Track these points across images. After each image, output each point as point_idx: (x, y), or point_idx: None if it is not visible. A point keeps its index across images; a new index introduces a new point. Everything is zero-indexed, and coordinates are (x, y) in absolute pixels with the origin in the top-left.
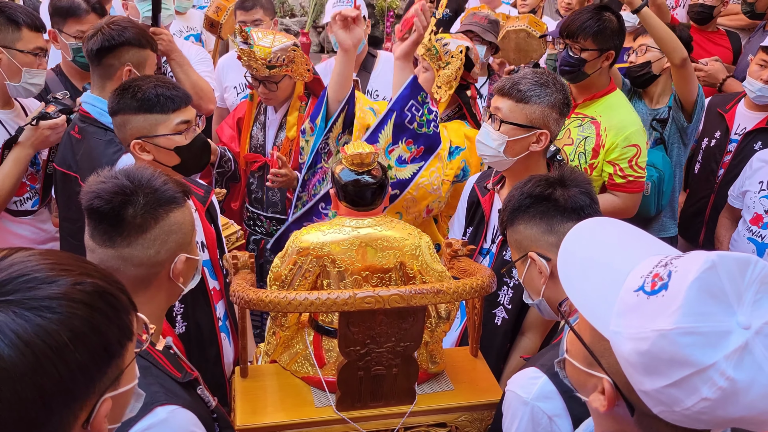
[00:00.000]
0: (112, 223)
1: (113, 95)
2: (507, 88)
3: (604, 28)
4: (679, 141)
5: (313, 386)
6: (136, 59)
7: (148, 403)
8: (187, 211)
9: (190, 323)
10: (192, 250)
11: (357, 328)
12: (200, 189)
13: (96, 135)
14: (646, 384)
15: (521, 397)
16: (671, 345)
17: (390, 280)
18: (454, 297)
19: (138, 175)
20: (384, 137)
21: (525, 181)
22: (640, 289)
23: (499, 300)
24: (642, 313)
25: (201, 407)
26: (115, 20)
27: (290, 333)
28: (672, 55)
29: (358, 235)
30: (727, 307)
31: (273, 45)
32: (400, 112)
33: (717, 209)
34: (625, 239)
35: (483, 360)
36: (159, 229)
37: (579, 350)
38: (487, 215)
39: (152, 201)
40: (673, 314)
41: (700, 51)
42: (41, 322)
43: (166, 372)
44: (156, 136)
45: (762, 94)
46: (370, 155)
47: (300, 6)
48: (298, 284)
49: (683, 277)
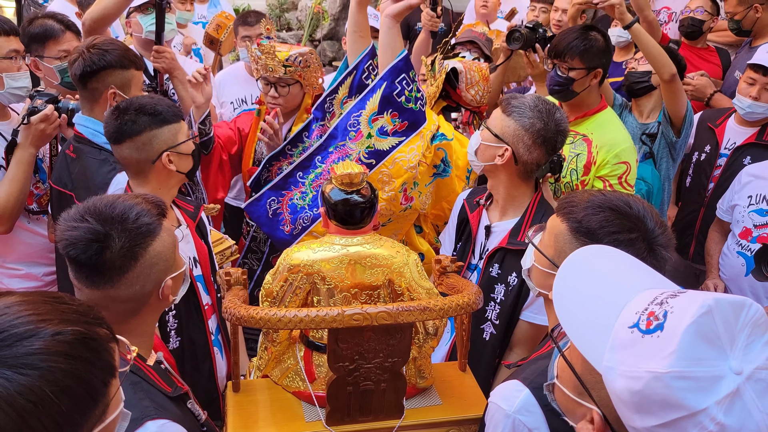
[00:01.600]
0: (92, 269)
1: (117, 121)
2: (503, 101)
3: (590, 47)
4: (668, 155)
5: (303, 401)
6: (120, 81)
7: (139, 417)
8: (165, 234)
9: (183, 338)
10: (176, 266)
11: (346, 345)
12: (190, 205)
13: (90, 155)
14: (636, 422)
15: (503, 410)
16: (664, 388)
17: (379, 297)
18: (440, 314)
19: (108, 213)
20: (371, 105)
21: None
22: (635, 326)
23: (487, 315)
24: (636, 352)
25: (191, 421)
26: (96, 43)
27: (282, 348)
28: (662, 71)
29: (347, 253)
30: (720, 351)
31: (291, 49)
32: (390, 83)
33: (707, 223)
34: (620, 270)
35: (471, 375)
36: (140, 267)
37: (570, 378)
38: (474, 231)
39: (128, 241)
40: (668, 357)
41: (690, 66)
42: (22, 380)
43: (156, 386)
44: (179, 144)
45: (752, 110)
46: (359, 175)
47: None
48: (288, 301)
49: (679, 319)
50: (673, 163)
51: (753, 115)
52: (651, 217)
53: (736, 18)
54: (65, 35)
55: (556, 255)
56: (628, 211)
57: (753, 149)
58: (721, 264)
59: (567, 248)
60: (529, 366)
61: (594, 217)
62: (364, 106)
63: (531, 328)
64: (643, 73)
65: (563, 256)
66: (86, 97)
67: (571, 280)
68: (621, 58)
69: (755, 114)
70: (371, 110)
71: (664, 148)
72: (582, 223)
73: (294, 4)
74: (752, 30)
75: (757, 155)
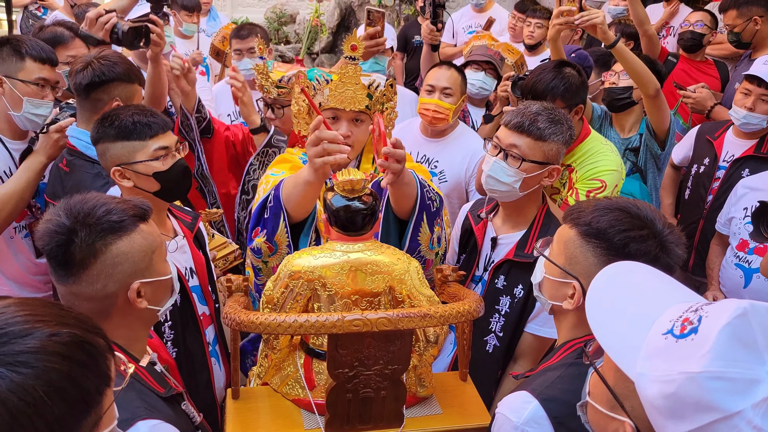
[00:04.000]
0: (58, 263)
1: (95, 125)
2: (526, 126)
3: (569, 85)
4: (654, 166)
5: (303, 408)
6: (124, 94)
7: (129, 418)
8: (138, 236)
9: (180, 349)
10: (153, 272)
11: (345, 351)
12: (187, 216)
13: (83, 168)
14: (669, 428)
15: (512, 421)
16: (698, 389)
17: (379, 304)
18: (441, 321)
19: (78, 209)
20: (424, 236)
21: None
22: (669, 332)
23: (491, 327)
24: (670, 357)
25: (185, 423)
26: (105, 55)
27: (282, 356)
28: (646, 87)
29: (348, 260)
30: (757, 355)
31: (288, 71)
32: (425, 204)
33: (706, 235)
34: (654, 284)
35: (472, 384)
36: (101, 264)
37: (602, 393)
38: (480, 243)
39: (89, 236)
40: (702, 358)
41: (689, 80)
42: (16, 378)
43: (148, 387)
44: (134, 163)
45: (747, 121)
46: (361, 182)
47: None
48: (289, 307)
49: (714, 322)
50: (659, 173)
51: (748, 126)
52: (659, 219)
53: (735, 30)
54: (74, 42)
55: (567, 262)
56: (636, 212)
57: (751, 161)
58: (721, 276)
59: (578, 252)
60: (537, 377)
61: (603, 218)
62: (417, 243)
63: (536, 341)
64: (624, 89)
65: (575, 262)
66: (87, 108)
67: (605, 291)
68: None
69: (750, 125)
70: (427, 239)
71: (649, 160)
72: (591, 225)
73: (292, 18)
74: (752, 42)
75: (755, 167)
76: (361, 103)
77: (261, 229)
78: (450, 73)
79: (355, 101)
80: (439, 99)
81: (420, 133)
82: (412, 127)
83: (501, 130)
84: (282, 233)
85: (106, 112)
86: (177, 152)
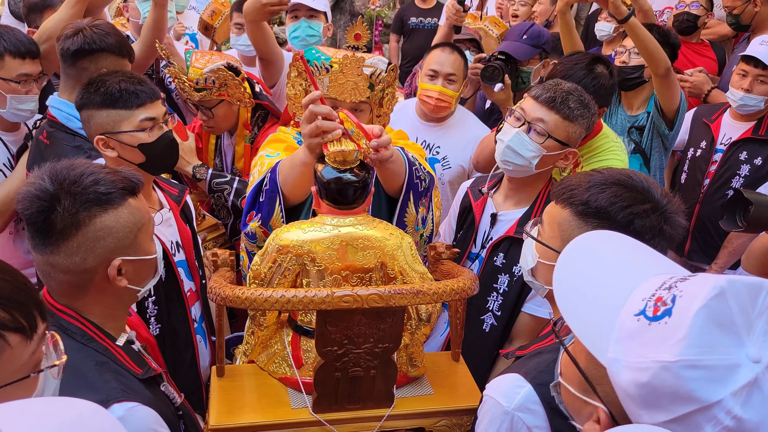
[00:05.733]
0: (36, 229)
1: (80, 90)
2: (558, 103)
3: (599, 87)
4: (660, 146)
5: (290, 387)
6: (112, 67)
7: (104, 399)
8: (125, 210)
9: (164, 326)
10: (137, 250)
11: (335, 328)
12: (174, 188)
13: (64, 141)
14: (644, 418)
15: (502, 406)
16: (674, 378)
17: (371, 281)
18: (434, 298)
19: (64, 175)
20: (410, 217)
21: (630, 195)
22: (641, 314)
23: (488, 306)
24: (643, 341)
25: (164, 404)
26: (98, 24)
27: (269, 333)
28: (657, 66)
29: (338, 234)
30: (736, 338)
31: (206, 65)
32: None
33: (702, 219)
34: (626, 256)
35: (464, 365)
36: (82, 236)
37: (574, 374)
38: (478, 219)
39: (73, 205)
40: (677, 344)
41: (686, 62)
42: None
43: (124, 368)
44: (119, 133)
45: (744, 103)
46: (353, 152)
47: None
48: (277, 283)
49: (689, 303)
50: (666, 153)
51: (745, 107)
52: (655, 188)
53: (734, 12)
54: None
55: (563, 244)
56: (633, 184)
57: (749, 144)
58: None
59: (576, 235)
60: (530, 359)
61: (601, 195)
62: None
63: (533, 321)
64: (634, 67)
65: None
66: (71, 76)
67: (573, 267)
68: (608, 50)
69: (747, 107)
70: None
71: (656, 140)
72: (589, 204)
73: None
74: (751, 24)
75: (753, 150)
76: (363, 94)
77: (256, 213)
78: (454, 57)
79: (356, 92)
80: (443, 86)
81: (417, 116)
82: (407, 109)
83: (528, 102)
84: (278, 217)
85: (92, 77)
86: (165, 124)
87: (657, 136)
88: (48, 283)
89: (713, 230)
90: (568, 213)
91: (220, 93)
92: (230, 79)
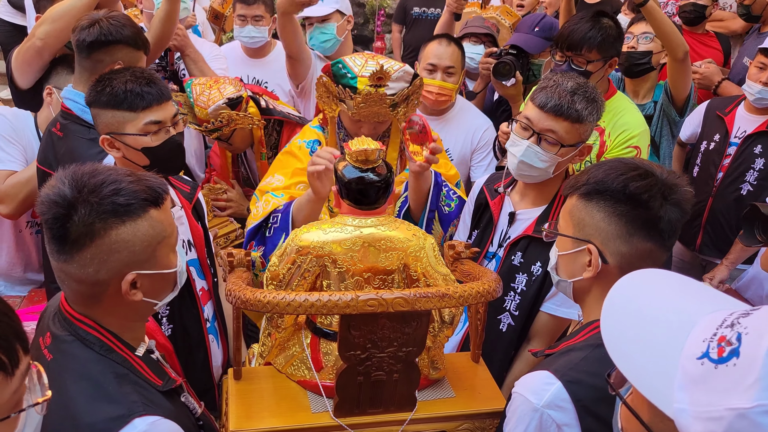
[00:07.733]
0: (53, 236)
1: (89, 87)
2: (565, 109)
3: (607, 36)
4: (669, 133)
5: (309, 390)
6: (127, 59)
7: (125, 414)
8: (145, 223)
9: (176, 326)
10: (154, 264)
11: (358, 332)
12: (186, 185)
13: (78, 133)
14: None
15: (531, 403)
16: (752, 426)
17: (393, 282)
18: (459, 301)
19: (84, 181)
20: (436, 233)
21: (626, 166)
22: (705, 356)
23: (506, 306)
24: (711, 387)
25: (185, 416)
26: (114, 15)
27: (286, 335)
28: (676, 49)
29: (360, 235)
30: None
31: (209, 104)
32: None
33: (714, 213)
34: (675, 293)
35: (485, 366)
36: (96, 248)
37: (637, 430)
38: (496, 218)
39: (89, 215)
40: (750, 388)
41: (692, 53)
42: None
43: (145, 380)
44: (123, 134)
45: (761, 96)
46: (376, 152)
47: None
48: (296, 284)
49: (757, 341)
50: (673, 139)
51: (763, 101)
52: (657, 168)
53: (745, 3)
54: None
55: (576, 229)
56: (634, 162)
57: (764, 138)
58: None
59: (584, 215)
60: (560, 357)
61: (598, 172)
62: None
63: (552, 321)
64: (643, 53)
65: (583, 225)
66: (86, 68)
67: (620, 313)
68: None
69: (765, 100)
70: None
71: (665, 126)
72: (589, 182)
73: None
74: (762, 15)
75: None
76: (386, 115)
77: (257, 244)
78: (452, 49)
79: (379, 116)
80: (443, 80)
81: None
82: None
83: (533, 111)
84: None
85: (103, 74)
86: (173, 127)
87: (666, 123)
88: (65, 290)
89: (725, 224)
90: (574, 199)
91: (230, 127)
92: (234, 115)
